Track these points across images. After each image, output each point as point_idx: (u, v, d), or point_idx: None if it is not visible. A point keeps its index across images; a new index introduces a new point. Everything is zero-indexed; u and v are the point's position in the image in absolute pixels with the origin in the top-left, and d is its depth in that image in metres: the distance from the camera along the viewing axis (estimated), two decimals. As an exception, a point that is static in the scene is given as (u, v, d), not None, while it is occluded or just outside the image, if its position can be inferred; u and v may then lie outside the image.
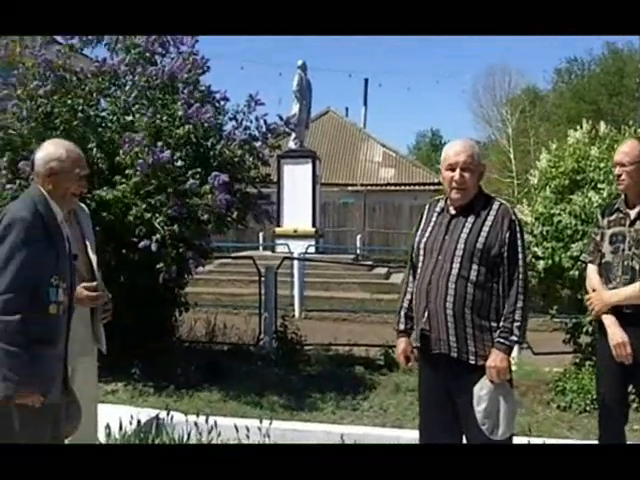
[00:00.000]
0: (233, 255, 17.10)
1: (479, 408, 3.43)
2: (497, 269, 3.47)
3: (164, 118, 6.63)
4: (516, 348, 8.45)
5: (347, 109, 40.56)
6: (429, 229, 3.66)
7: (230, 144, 6.77)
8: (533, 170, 7.24)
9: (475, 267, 3.45)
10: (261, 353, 8.15)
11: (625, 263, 3.96)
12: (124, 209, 6.31)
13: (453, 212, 3.60)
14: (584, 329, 6.42)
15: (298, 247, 16.92)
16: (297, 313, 13.26)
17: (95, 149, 6.46)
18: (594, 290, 4.10)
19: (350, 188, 30.48)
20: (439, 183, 33.21)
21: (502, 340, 3.42)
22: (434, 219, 3.68)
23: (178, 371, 6.86)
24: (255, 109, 7.16)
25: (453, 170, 3.53)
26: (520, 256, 3.47)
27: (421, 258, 3.64)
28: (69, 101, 6.56)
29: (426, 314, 3.53)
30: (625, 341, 3.87)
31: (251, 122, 7.15)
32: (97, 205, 6.29)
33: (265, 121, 7.13)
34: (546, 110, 43.76)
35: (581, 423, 6.00)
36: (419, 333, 3.60)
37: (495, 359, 3.41)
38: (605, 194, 6.26)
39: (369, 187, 30.63)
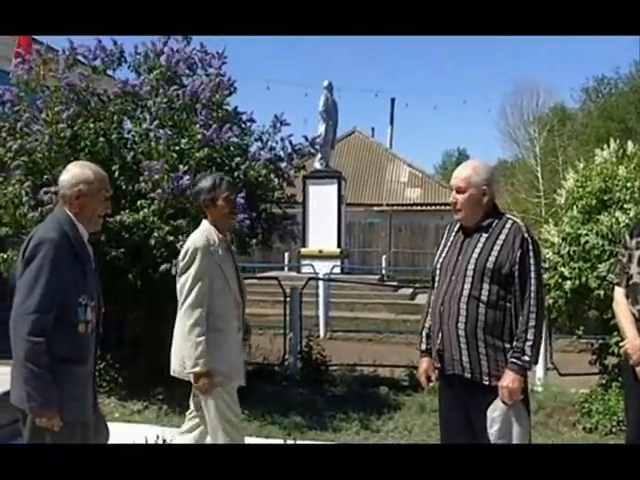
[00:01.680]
0: (259, 276, 17.12)
1: (492, 430, 3.41)
2: (509, 288, 3.45)
3: (184, 140, 6.67)
4: (542, 369, 8.45)
5: (373, 129, 40.66)
6: (446, 249, 3.70)
7: (255, 164, 6.81)
8: (560, 190, 7.19)
9: (486, 287, 3.45)
10: (286, 373, 8.14)
11: None
12: (147, 231, 6.35)
13: (466, 232, 3.62)
14: (610, 350, 6.33)
15: (323, 268, 16.92)
16: (322, 333, 13.21)
17: (118, 171, 6.53)
18: (627, 333, 3.99)
19: (376, 208, 30.45)
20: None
21: (515, 360, 3.40)
22: (452, 239, 3.71)
23: (203, 391, 6.85)
24: (280, 130, 7.22)
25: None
26: (532, 275, 3.45)
27: (437, 278, 3.67)
28: (92, 124, 6.62)
29: (440, 335, 3.54)
30: None
31: (276, 143, 7.21)
32: (120, 227, 6.36)
33: (290, 142, 7.19)
34: (574, 129, 43.41)
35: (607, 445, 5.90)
36: (436, 354, 3.60)
37: (507, 380, 3.38)
38: (632, 214, 6.21)
39: (395, 207, 30.57)
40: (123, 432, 5.49)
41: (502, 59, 65.03)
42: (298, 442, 4.87)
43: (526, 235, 3.50)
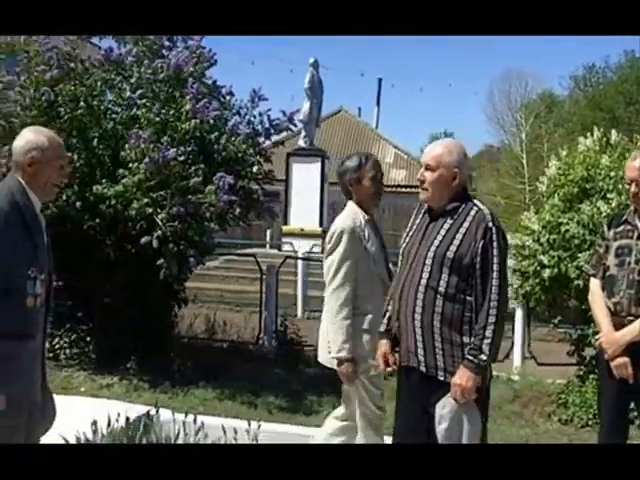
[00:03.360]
0: (238, 252, 16.99)
1: (440, 428, 3.23)
2: (470, 281, 3.23)
3: (170, 112, 6.53)
4: (519, 358, 8.43)
5: (360, 109, 40.39)
6: (410, 233, 3.50)
7: (234, 139, 6.68)
8: (542, 177, 7.11)
9: (445, 277, 3.22)
10: (261, 352, 8.08)
11: (630, 277, 3.82)
12: (125, 203, 6.22)
13: (431, 215, 3.42)
14: (588, 341, 6.29)
15: (304, 246, 16.83)
16: (300, 313, 13.16)
17: (97, 140, 6.39)
18: (602, 326, 3.92)
19: (360, 188, 30.29)
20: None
21: (471, 358, 3.18)
22: (417, 222, 3.51)
23: (174, 367, 6.81)
24: (258, 104, 7.10)
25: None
26: (495, 267, 3.21)
27: (399, 264, 3.49)
28: (73, 89, 6.47)
29: (397, 324, 3.38)
30: (626, 361, 3.76)
31: (254, 117, 7.08)
32: (95, 198, 6.23)
33: (268, 116, 7.07)
34: (561, 116, 43.44)
35: (582, 437, 5.87)
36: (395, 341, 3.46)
37: (462, 377, 3.17)
38: (614, 204, 6.13)
39: (379, 188, 30.45)
40: (87, 406, 5.40)
41: (489, 42, 64.77)
42: (265, 424, 4.78)
43: (490, 224, 3.25)
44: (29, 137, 3.03)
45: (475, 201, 3.40)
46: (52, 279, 3.10)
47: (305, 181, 19.32)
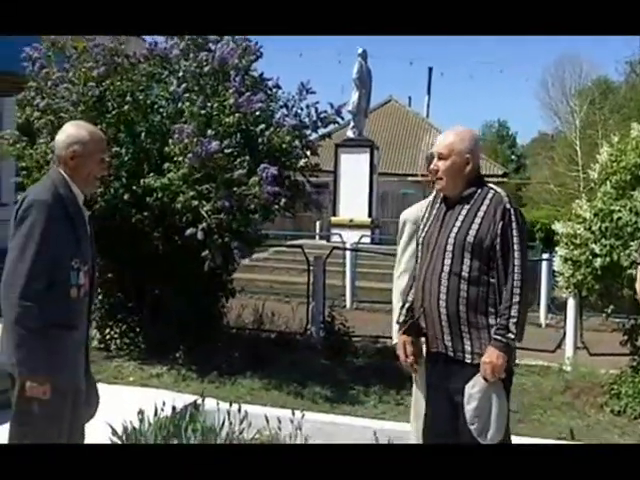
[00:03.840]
0: (287, 244, 17.08)
1: (469, 407, 3.26)
2: (492, 263, 3.28)
3: (214, 106, 6.58)
4: (571, 348, 8.27)
5: (410, 98, 40.17)
6: (428, 223, 3.54)
7: (279, 131, 6.69)
8: (594, 164, 6.94)
9: (467, 262, 3.28)
10: (308, 343, 8.09)
11: None
12: (172, 196, 6.29)
13: (448, 203, 3.46)
14: (643, 331, 6.14)
15: (353, 237, 16.80)
16: (348, 304, 13.16)
17: (144, 134, 6.47)
18: None
19: (410, 179, 30.10)
20: (503, 175, 32.76)
21: (499, 337, 3.23)
22: (434, 212, 3.55)
23: (222, 357, 6.85)
24: (306, 97, 7.09)
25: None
26: (516, 247, 3.26)
27: (419, 254, 3.53)
28: (119, 84, 6.56)
29: (422, 313, 3.41)
30: None
31: (301, 110, 7.08)
32: (145, 190, 6.31)
33: (316, 109, 7.06)
34: (617, 102, 42.35)
35: (634, 429, 5.76)
36: (417, 330, 3.49)
37: (491, 355, 3.22)
38: (668, 191, 5.96)
39: (430, 178, 30.20)
40: (136, 396, 5.50)
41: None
42: (311, 414, 4.81)
43: (508, 206, 3.30)
44: (71, 131, 3.09)
45: (490, 185, 3.44)
46: (95, 270, 3.16)
47: (354, 172, 19.28)
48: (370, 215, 19.62)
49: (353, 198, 19.20)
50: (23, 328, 2.80)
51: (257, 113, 6.72)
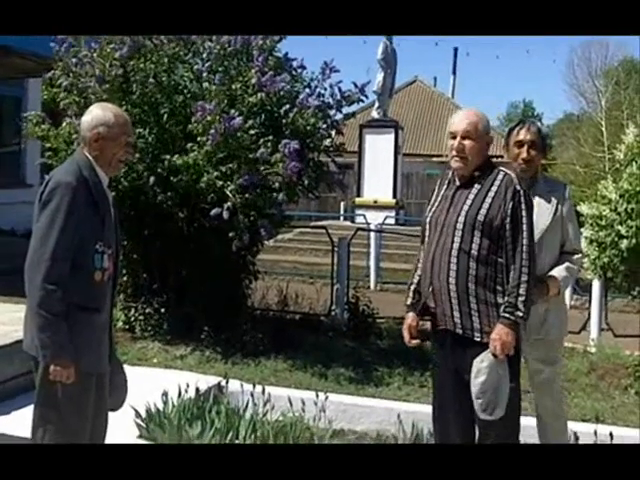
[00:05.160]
0: (312, 224, 17.08)
1: (477, 380, 3.30)
2: (501, 242, 3.34)
3: (238, 86, 6.54)
4: (596, 329, 8.20)
5: (435, 79, 39.95)
6: (437, 203, 3.57)
7: (303, 112, 6.65)
8: (620, 145, 6.83)
9: (477, 240, 3.33)
10: (332, 324, 8.08)
11: None
12: (196, 176, 6.29)
13: (458, 183, 3.50)
14: (669, 312, 6.07)
15: (378, 218, 16.75)
16: (372, 285, 13.13)
17: (167, 115, 6.47)
18: None
19: (435, 159, 29.94)
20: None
21: (507, 315, 3.28)
22: (442, 191, 3.58)
23: (246, 338, 6.87)
24: (330, 76, 7.02)
25: (454, 138, 3.47)
26: (524, 227, 3.34)
27: (427, 233, 3.55)
28: (142, 65, 6.55)
29: (431, 290, 3.45)
30: None
31: (325, 90, 7.02)
32: (169, 171, 6.32)
33: (339, 88, 6.99)
34: (642, 83, 41.69)
35: (660, 411, 5.69)
36: (424, 309, 3.52)
37: (500, 332, 3.27)
38: (696, 171, 5.84)
39: (455, 158, 29.98)
40: (160, 377, 5.54)
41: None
42: (335, 395, 4.81)
43: (518, 187, 3.37)
44: (96, 113, 3.09)
45: (500, 167, 3.49)
46: (119, 253, 3.17)
47: (378, 152, 19.18)
48: (395, 196, 19.53)
49: (377, 179, 19.11)
50: (47, 311, 2.81)
51: (281, 93, 6.68)
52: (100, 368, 3.04)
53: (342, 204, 22.62)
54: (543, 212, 3.89)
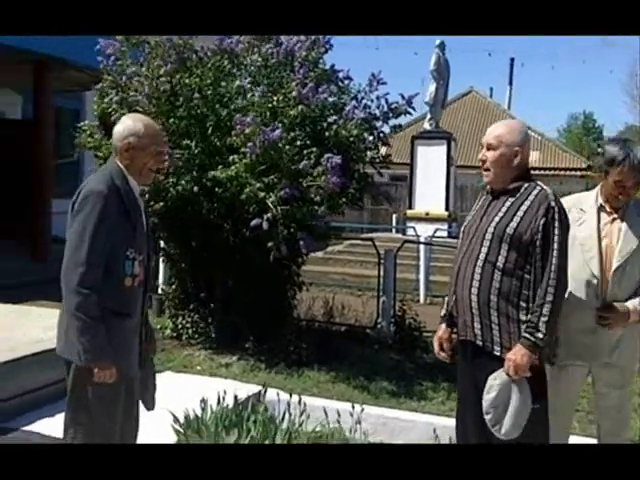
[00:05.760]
0: (362, 237, 17.04)
1: (487, 396, 3.24)
2: (529, 259, 3.25)
3: (280, 98, 6.59)
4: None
5: (491, 89, 39.60)
6: (472, 213, 3.54)
7: (347, 124, 6.66)
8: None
9: (504, 253, 3.26)
10: (378, 337, 8.03)
11: None
12: (239, 187, 6.35)
13: (493, 195, 3.46)
14: None
15: (428, 230, 16.60)
16: (422, 298, 13.01)
17: (212, 128, 6.55)
18: None
19: (490, 171, 29.55)
20: (587, 168, 31.78)
21: (527, 336, 3.19)
22: (480, 202, 3.54)
23: (291, 348, 6.88)
24: (377, 88, 7.01)
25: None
26: (556, 245, 3.22)
27: (460, 242, 3.52)
28: (188, 80, 6.65)
29: (454, 299, 3.41)
30: None
31: (372, 101, 7.01)
32: (211, 183, 6.39)
33: (386, 100, 6.98)
34: None
35: None
36: (450, 319, 3.50)
37: (516, 353, 3.19)
38: None
39: (510, 171, 29.58)
40: (202, 385, 5.58)
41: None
42: (375, 408, 4.77)
43: (553, 203, 3.27)
44: (127, 123, 3.17)
45: (538, 182, 3.40)
46: (151, 260, 3.23)
47: (431, 164, 19.03)
48: (447, 208, 19.35)
49: (430, 191, 18.96)
50: (84, 314, 2.88)
51: (324, 105, 6.70)
52: (130, 372, 3.10)
53: (394, 216, 22.54)
54: (630, 237, 3.66)
